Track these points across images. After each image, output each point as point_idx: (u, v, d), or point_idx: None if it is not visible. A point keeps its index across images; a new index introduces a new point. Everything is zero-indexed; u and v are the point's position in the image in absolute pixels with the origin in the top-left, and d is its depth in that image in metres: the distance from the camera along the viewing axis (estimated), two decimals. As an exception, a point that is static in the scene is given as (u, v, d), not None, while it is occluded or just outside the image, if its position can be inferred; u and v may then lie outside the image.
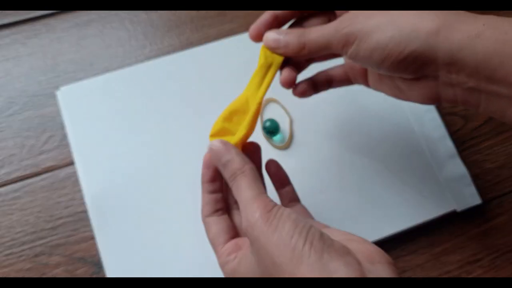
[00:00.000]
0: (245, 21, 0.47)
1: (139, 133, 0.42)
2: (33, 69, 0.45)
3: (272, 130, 0.41)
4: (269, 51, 0.31)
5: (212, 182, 0.31)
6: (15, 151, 0.42)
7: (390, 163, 0.42)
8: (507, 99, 0.25)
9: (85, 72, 0.45)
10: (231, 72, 0.44)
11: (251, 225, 0.26)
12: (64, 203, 0.40)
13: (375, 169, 0.41)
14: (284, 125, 0.43)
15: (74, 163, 0.41)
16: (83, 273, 0.39)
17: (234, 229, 0.31)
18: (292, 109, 0.43)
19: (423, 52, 0.26)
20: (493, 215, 0.42)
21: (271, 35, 0.31)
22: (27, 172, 0.41)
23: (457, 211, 0.41)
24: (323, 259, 0.23)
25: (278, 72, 0.33)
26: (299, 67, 0.34)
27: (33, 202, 0.40)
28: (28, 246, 0.39)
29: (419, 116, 0.43)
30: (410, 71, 0.27)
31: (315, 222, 0.31)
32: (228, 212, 0.32)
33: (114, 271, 0.38)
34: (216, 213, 0.31)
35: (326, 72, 0.36)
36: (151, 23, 0.47)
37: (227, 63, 0.44)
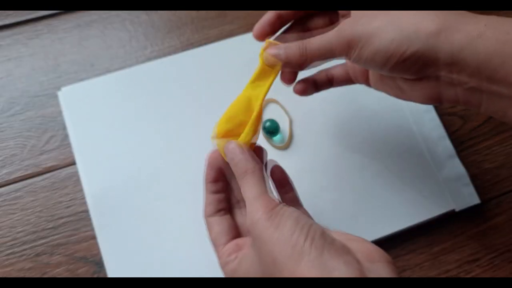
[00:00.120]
0: (246, 22, 0.48)
1: (139, 133, 0.42)
2: (35, 69, 0.45)
3: (272, 130, 0.42)
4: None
5: (215, 183, 0.32)
6: (17, 151, 0.42)
7: (389, 163, 0.42)
8: (508, 99, 0.25)
9: (86, 72, 0.45)
10: (231, 72, 0.44)
11: (254, 222, 0.26)
12: (65, 203, 0.41)
13: (374, 169, 0.42)
14: (284, 125, 0.43)
15: (75, 163, 0.41)
16: (84, 272, 0.39)
17: (235, 229, 0.31)
18: (291, 109, 0.43)
19: (424, 53, 0.26)
20: (492, 215, 0.42)
21: (270, 51, 0.31)
22: (29, 172, 0.41)
23: (456, 211, 0.41)
24: (323, 256, 0.23)
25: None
26: None
27: (35, 202, 0.41)
28: (29, 246, 0.39)
29: (418, 116, 0.44)
30: (412, 71, 0.28)
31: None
32: (230, 212, 0.32)
33: (115, 270, 0.38)
34: (218, 213, 0.31)
35: (327, 71, 0.36)
36: (152, 24, 0.47)
37: (227, 63, 0.45)
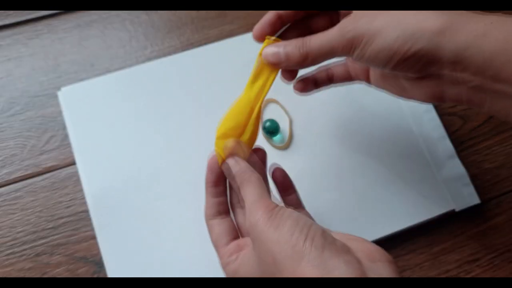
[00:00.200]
0: (246, 22, 0.48)
1: (140, 133, 0.42)
2: (35, 69, 0.45)
3: (272, 130, 0.42)
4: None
5: (216, 186, 0.32)
6: (17, 151, 0.42)
7: (389, 163, 0.42)
8: (508, 96, 0.25)
9: (86, 72, 0.45)
10: (231, 72, 0.44)
11: (253, 224, 0.26)
12: (65, 203, 0.41)
13: (374, 169, 0.42)
14: (283, 125, 0.43)
15: (75, 163, 0.41)
16: (84, 272, 0.39)
17: (236, 231, 0.32)
18: (291, 109, 0.43)
19: (428, 51, 0.26)
20: (492, 215, 0.42)
21: (269, 49, 0.30)
22: (29, 172, 0.41)
23: (456, 211, 0.41)
24: (323, 256, 0.23)
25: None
26: None
27: (34, 202, 0.41)
28: (29, 246, 0.39)
29: (418, 116, 0.44)
30: (415, 69, 0.27)
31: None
32: (233, 211, 0.33)
33: (115, 270, 0.38)
34: (219, 215, 0.32)
35: (327, 69, 0.36)
36: (152, 24, 0.47)
37: (227, 64, 0.45)
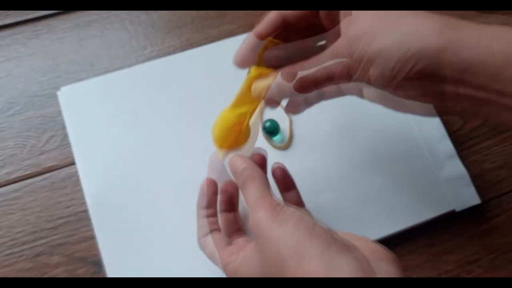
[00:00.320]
0: (246, 22, 0.48)
1: (139, 133, 0.42)
2: (34, 69, 0.45)
3: (272, 130, 0.42)
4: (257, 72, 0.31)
5: (207, 209, 0.34)
6: (16, 151, 0.42)
7: (389, 163, 0.42)
8: None
9: (85, 72, 0.45)
10: (231, 72, 0.44)
11: (256, 221, 0.26)
12: (64, 203, 0.41)
13: (375, 169, 0.42)
14: (284, 126, 0.43)
15: (74, 163, 0.41)
16: (83, 272, 0.39)
17: (233, 226, 0.33)
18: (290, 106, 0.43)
19: (431, 71, 0.25)
20: (492, 215, 0.42)
21: (260, 84, 0.31)
22: (28, 172, 0.41)
23: (456, 211, 0.41)
24: (330, 252, 0.23)
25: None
26: None
27: (34, 202, 0.40)
28: (29, 246, 0.39)
29: (418, 116, 0.43)
30: (417, 89, 0.26)
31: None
32: (233, 211, 0.35)
33: (114, 270, 0.38)
34: (212, 232, 0.34)
35: None
36: (152, 24, 0.47)
37: (227, 63, 0.44)
